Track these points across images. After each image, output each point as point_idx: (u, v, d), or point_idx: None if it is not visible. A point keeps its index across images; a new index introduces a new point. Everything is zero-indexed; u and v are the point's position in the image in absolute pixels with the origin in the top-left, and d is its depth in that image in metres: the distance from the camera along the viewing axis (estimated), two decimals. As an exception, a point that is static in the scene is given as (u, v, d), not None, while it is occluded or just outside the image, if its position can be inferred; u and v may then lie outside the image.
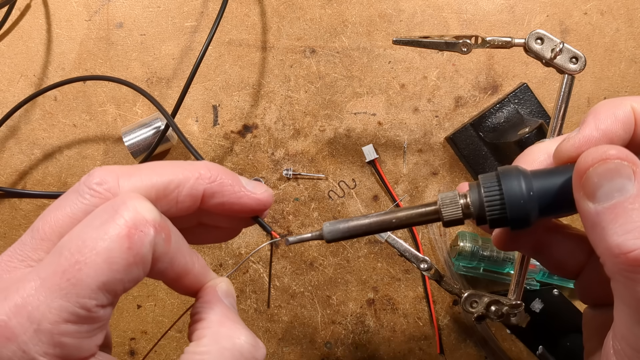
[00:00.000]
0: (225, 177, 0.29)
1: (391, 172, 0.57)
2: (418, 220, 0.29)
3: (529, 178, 0.26)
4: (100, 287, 0.23)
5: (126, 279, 0.24)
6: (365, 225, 0.30)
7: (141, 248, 0.23)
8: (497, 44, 0.45)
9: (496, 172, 0.27)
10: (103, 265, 0.23)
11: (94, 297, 0.23)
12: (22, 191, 0.57)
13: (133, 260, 0.23)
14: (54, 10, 0.58)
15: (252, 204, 0.30)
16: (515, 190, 0.26)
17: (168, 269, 0.26)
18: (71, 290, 0.22)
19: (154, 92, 0.58)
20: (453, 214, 0.28)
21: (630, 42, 0.57)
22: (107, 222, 0.23)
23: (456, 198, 0.28)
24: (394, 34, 0.57)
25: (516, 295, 0.46)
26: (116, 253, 0.23)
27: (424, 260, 0.45)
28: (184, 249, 0.27)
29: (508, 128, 0.54)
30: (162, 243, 0.25)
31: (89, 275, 0.23)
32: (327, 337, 0.57)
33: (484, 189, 0.27)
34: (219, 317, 0.28)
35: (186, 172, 0.28)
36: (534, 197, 0.26)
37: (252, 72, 0.58)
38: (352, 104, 0.57)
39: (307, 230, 0.57)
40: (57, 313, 0.22)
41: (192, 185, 0.28)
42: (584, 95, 0.57)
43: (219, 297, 0.28)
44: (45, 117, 0.58)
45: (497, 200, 0.26)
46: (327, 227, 0.30)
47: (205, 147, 0.58)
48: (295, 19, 0.58)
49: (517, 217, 0.26)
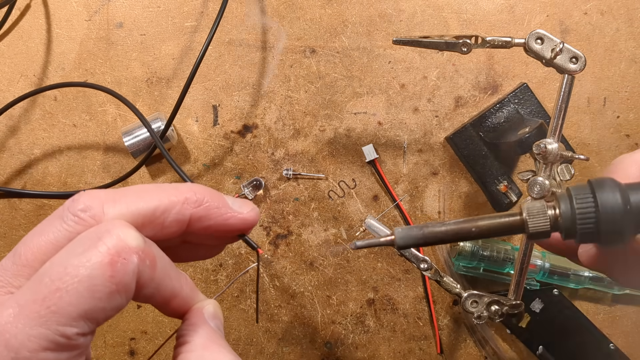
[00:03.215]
0: (211, 199, 0.28)
1: (391, 172, 0.57)
2: (500, 230, 0.27)
3: (625, 191, 0.25)
4: (82, 315, 0.22)
5: (108, 307, 0.23)
6: (442, 232, 0.28)
7: (124, 276, 0.23)
8: (497, 44, 0.45)
9: (589, 184, 0.25)
10: (85, 293, 0.22)
11: (74, 325, 0.22)
12: (22, 191, 0.57)
13: (116, 288, 0.23)
14: (54, 10, 0.58)
15: (239, 224, 0.29)
16: (612, 204, 0.24)
17: (155, 294, 0.26)
18: (51, 318, 0.22)
19: (154, 92, 0.58)
20: (541, 226, 0.26)
21: (630, 42, 0.57)
22: (89, 249, 0.23)
23: (544, 209, 0.26)
24: (394, 34, 0.57)
25: (516, 295, 0.46)
26: (98, 281, 0.23)
27: (424, 260, 0.45)
28: (171, 273, 0.27)
29: (508, 128, 0.54)
30: (146, 270, 0.24)
31: (70, 303, 0.22)
32: (327, 337, 0.57)
33: (576, 200, 0.25)
34: (204, 341, 0.27)
35: (172, 197, 0.27)
36: (632, 211, 0.24)
37: (253, 72, 0.58)
38: (352, 104, 0.57)
39: (308, 229, 0.57)
40: (36, 341, 0.22)
41: (179, 211, 0.27)
42: (584, 95, 0.57)
43: (204, 320, 0.28)
44: (45, 117, 0.58)
45: (591, 213, 0.25)
46: (400, 233, 0.29)
47: (205, 147, 0.58)
48: (295, 19, 0.58)
49: (611, 232, 0.25)
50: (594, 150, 0.57)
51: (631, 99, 0.57)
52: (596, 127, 0.57)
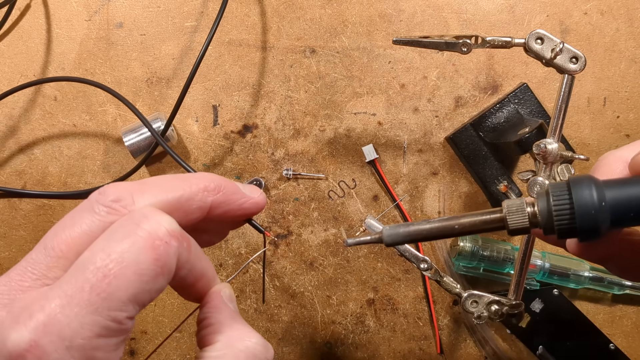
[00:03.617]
0: (227, 186, 0.30)
1: (391, 172, 0.57)
2: (482, 227, 0.29)
3: (601, 187, 0.25)
4: (131, 299, 0.23)
5: (153, 289, 0.24)
6: (426, 230, 0.29)
7: (167, 258, 0.24)
8: (497, 44, 0.45)
9: (567, 181, 0.26)
10: (132, 277, 0.23)
11: (124, 310, 0.23)
12: (22, 191, 0.57)
13: (160, 270, 0.24)
14: (54, 10, 0.58)
15: (252, 207, 0.31)
16: (586, 200, 0.25)
17: (188, 275, 0.27)
18: (102, 305, 0.22)
19: (154, 92, 0.58)
20: (519, 223, 0.27)
21: (630, 42, 0.57)
22: (130, 235, 0.24)
23: (523, 206, 0.27)
24: (394, 34, 0.57)
25: (516, 295, 0.46)
26: (144, 265, 0.23)
27: (424, 260, 0.45)
28: (200, 254, 0.28)
29: (508, 128, 0.54)
30: (184, 252, 0.25)
31: (120, 288, 0.23)
32: (327, 337, 0.57)
33: (553, 197, 0.26)
34: (229, 321, 0.28)
35: (193, 186, 0.28)
36: (606, 207, 0.25)
37: (253, 72, 0.58)
38: (352, 104, 0.57)
39: (308, 229, 0.57)
40: (89, 328, 0.22)
41: (201, 198, 0.28)
42: (584, 95, 0.57)
43: (224, 302, 0.29)
44: (45, 117, 0.58)
45: (566, 209, 0.25)
46: (387, 231, 0.30)
47: (205, 147, 0.58)
48: (295, 19, 0.58)
49: (586, 228, 0.25)
50: (594, 150, 0.57)
51: (631, 99, 0.57)
52: (596, 127, 0.57)
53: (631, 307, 0.57)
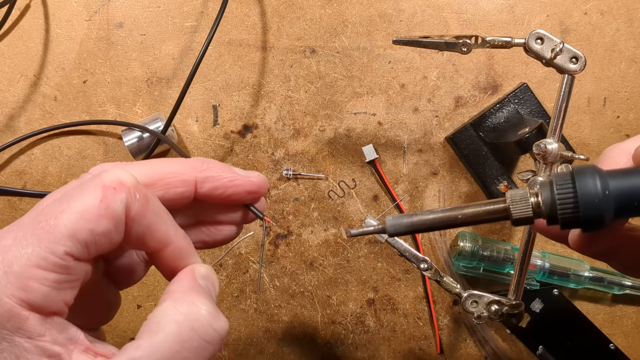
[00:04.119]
0: (216, 164, 0.30)
1: (391, 172, 0.57)
2: (485, 217, 0.28)
3: (604, 177, 0.25)
4: (71, 235, 0.24)
5: (97, 230, 0.25)
6: (430, 220, 0.29)
7: (112, 203, 0.25)
8: (497, 44, 0.45)
9: (570, 171, 0.26)
10: (75, 214, 0.24)
11: (64, 244, 0.24)
12: (22, 191, 0.57)
13: (104, 212, 0.25)
14: (54, 10, 0.58)
15: (246, 186, 0.31)
16: (590, 189, 0.25)
17: (147, 235, 0.27)
18: (43, 237, 0.24)
19: (154, 92, 0.58)
20: (523, 213, 0.27)
21: (630, 42, 0.57)
22: (86, 183, 0.26)
23: (527, 196, 0.27)
24: (394, 34, 0.57)
25: (516, 295, 0.46)
26: (89, 204, 0.25)
27: (424, 260, 0.45)
28: (164, 216, 0.28)
29: (508, 128, 0.54)
30: (136, 203, 0.26)
31: (61, 223, 0.24)
32: (327, 337, 0.57)
33: (556, 187, 0.26)
34: (185, 289, 0.28)
35: (177, 163, 0.30)
36: (610, 196, 0.25)
37: (253, 72, 0.58)
38: (352, 104, 0.57)
39: (308, 229, 0.57)
40: (28, 257, 0.24)
41: (184, 172, 0.30)
42: (584, 95, 0.57)
43: (194, 277, 0.29)
44: (45, 117, 0.58)
45: (570, 199, 0.25)
46: (390, 222, 0.30)
47: (205, 147, 0.58)
48: (295, 19, 0.58)
49: (590, 218, 0.25)
50: (594, 150, 0.57)
51: (631, 99, 0.57)
52: (596, 127, 0.57)
53: (631, 307, 0.57)
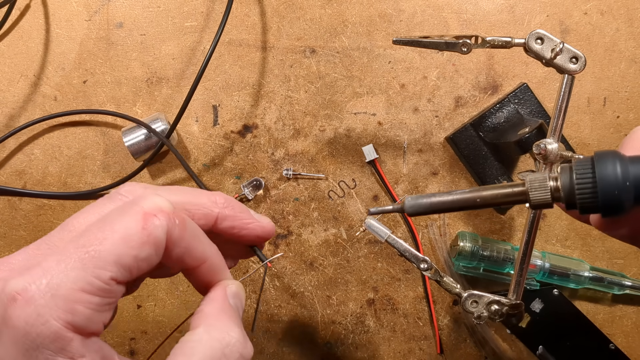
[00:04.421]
0: (236, 205, 0.33)
1: (391, 172, 0.57)
2: (503, 200, 0.28)
3: (625, 163, 0.25)
4: (116, 261, 0.25)
5: (140, 256, 0.26)
6: (449, 202, 0.29)
7: (154, 229, 0.26)
8: (497, 44, 0.45)
9: (591, 156, 0.25)
10: (119, 241, 0.26)
11: (109, 269, 0.25)
12: (22, 190, 0.57)
13: (147, 239, 0.26)
14: (54, 10, 0.58)
15: (259, 230, 0.34)
16: (609, 176, 0.24)
17: (186, 255, 0.29)
18: (89, 262, 0.25)
19: (154, 92, 0.58)
20: (542, 197, 0.27)
21: (630, 42, 0.57)
22: (126, 209, 0.27)
23: (546, 181, 0.27)
24: (394, 34, 0.57)
25: (516, 295, 0.46)
26: (132, 231, 0.26)
27: (424, 260, 0.45)
28: (201, 237, 0.30)
29: (508, 128, 0.54)
30: (176, 229, 0.28)
31: (106, 249, 0.25)
32: (327, 337, 0.57)
33: (576, 173, 0.26)
34: (217, 312, 0.30)
35: (203, 196, 0.32)
36: (630, 185, 0.24)
37: (253, 72, 0.58)
38: (352, 104, 0.57)
39: (308, 229, 0.57)
40: (74, 281, 0.25)
41: (208, 207, 0.32)
42: (584, 95, 0.57)
43: (224, 296, 0.31)
44: (45, 117, 0.58)
45: (588, 185, 0.25)
46: (409, 202, 0.30)
47: (205, 147, 0.58)
48: (295, 19, 0.58)
49: (609, 205, 0.25)
50: (594, 150, 0.57)
51: (631, 99, 0.57)
52: (596, 127, 0.57)
53: (631, 307, 0.57)
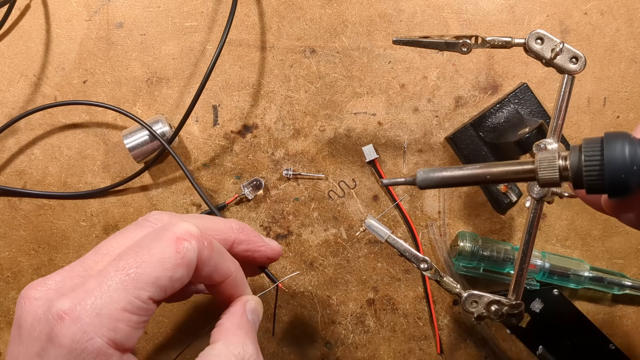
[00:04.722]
0: (249, 230, 0.38)
1: (391, 172, 0.57)
2: (513, 177, 0.29)
3: (634, 146, 0.24)
4: (154, 282, 0.28)
5: (174, 277, 0.29)
6: (459, 177, 0.30)
7: (187, 252, 0.30)
8: (497, 44, 0.45)
9: (601, 137, 0.25)
10: (157, 264, 0.29)
11: (148, 290, 0.28)
12: (22, 190, 0.57)
13: (181, 261, 0.29)
14: (54, 10, 0.58)
15: (269, 253, 0.39)
16: (617, 157, 0.24)
17: (214, 273, 0.32)
18: (130, 284, 0.28)
19: (154, 92, 0.58)
20: (550, 176, 0.27)
21: (630, 42, 0.57)
22: (159, 235, 0.30)
23: (555, 160, 0.27)
24: (394, 34, 0.57)
25: (516, 295, 0.46)
26: (167, 255, 0.29)
27: (424, 260, 0.45)
28: (225, 255, 0.33)
29: (508, 128, 0.54)
30: (205, 250, 0.31)
31: (145, 271, 0.28)
32: (327, 337, 0.57)
33: (584, 153, 0.25)
34: (235, 327, 0.33)
35: (220, 222, 0.36)
36: (638, 168, 0.24)
37: (253, 72, 0.58)
38: (352, 104, 0.57)
39: (308, 229, 0.57)
40: (117, 301, 0.27)
41: (225, 232, 0.36)
42: (584, 95, 0.57)
43: (244, 311, 0.35)
44: (45, 117, 0.58)
45: (596, 166, 0.25)
46: (421, 175, 0.31)
47: (205, 147, 0.58)
48: (295, 19, 0.58)
49: (616, 186, 0.25)
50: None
51: (631, 99, 0.57)
52: (596, 127, 0.57)
53: (631, 307, 0.57)
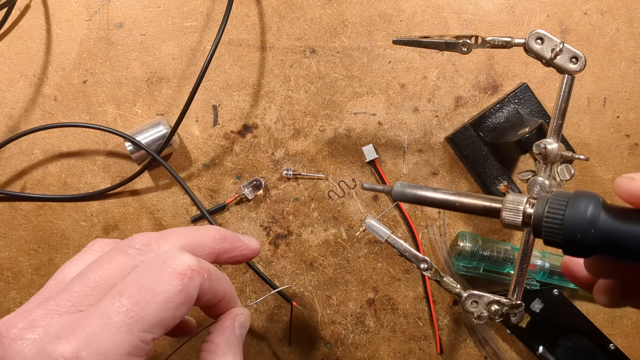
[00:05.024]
0: (230, 236, 0.36)
1: (391, 172, 0.57)
2: (480, 211, 0.30)
3: (597, 209, 0.24)
4: (158, 323, 0.27)
5: (177, 315, 0.28)
6: (431, 198, 0.32)
7: (190, 289, 0.29)
8: (497, 44, 0.45)
9: (573, 193, 0.26)
10: (161, 304, 0.27)
11: (152, 332, 0.27)
12: (22, 194, 0.57)
13: (184, 299, 0.28)
14: (54, 10, 0.58)
15: (249, 254, 0.38)
16: (577, 217, 0.25)
17: (212, 298, 0.32)
18: (134, 326, 0.26)
19: (154, 92, 0.58)
20: (513, 220, 0.28)
21: (630, 42, 0.57)
22: (159, 270, 0.28)
23: (521, 205, 0.28)
24: (394, 34, 0.57)
25: (516, 295, 0.46)
26: (171, 294, 0.28)
27: (424, 260, 0.45)
28: (221, 277, 0.33)
29: (508, 128, 0.54)
30: (206, 282, 0.30)
31: (150, 313, 0.27)
32: (327, 337, 0.57)
33: (549, 206, 0.26)
34: (225, 345, 0.33)
35: (203, 236, 0.35)
36: (595, 234, 0.24)
37: (253, 72, 0.58)
38: (352, 104, 0.57)
39: (308, 229, 0.57)
40: (122, 346, 0.26)
41: (210, 245, 0.35)
42: (584, 95, 0.57)
43: (233, 327, 0.35)
44: (45, 117, 0.58)
45: (557, 221, 0.25)
46: (397, 188, 0.33)
47: (205, 147, 0.58)
48: (295, 19, 0.58)
49: (570, 245, 0.25)
50: (594, 150, 0.57)
51: (631, 99, 0.57)
52: (596, 127, 0.57)
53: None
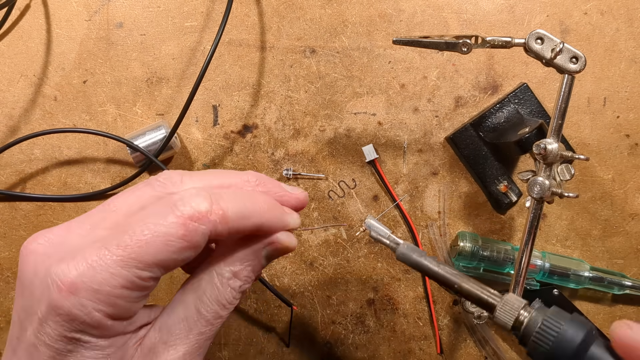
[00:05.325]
0: (268, 181, 0.34)
1: (391, 172, 0.57)
2: (475, 300, 0.32)
3: (590, 340, 0.25)
4: (156, 263, 0.28)
5: (179, 258, 0.28)
6: (432, 271, 0.33)
7: (194, 236, 0.28)
8: (497, 44, 0.45)
9: (571, 315, 0.27)
10: (161, 246, 0.27)
11: (148, 270, 0.28)
12: (22, 194, 0.57)
13: (187, 245, 0.28)
14: (54, 10, 0.58)
15: (293, 202, 0.35)
16: (566, 343, 0.25)
17: (240, 232, 0.31)
18: (131, 263, 0.27)
19: (154, 92, 0.58)
20: (505, 321, 0.29)
21: (630, 42, 0.57)
22: (167, 212, 0.28)
23: (517, 310, 0.29)
24: (394, 34, 0.57)
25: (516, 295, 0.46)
26: (173, 238, 0.28)
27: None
28: (246, 213, 0.31)
29: (508, 128, 0.54)
30: (217, 226, 0.29)
31: (149, 252, 0.27)
32: (327, 337, 0.57)
33: (543, 323, 0.27)
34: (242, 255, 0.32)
35: (236, 177, 0.33)
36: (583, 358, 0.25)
37: (253, 72, 0.58)
38: (352, 104, 0.57)
39: (308, 229, 0.57)
40: (117, 279, 0.27)
41: (241, 186, 0.33)
42: (584, 95, 0.57)
43: (262, 255, 0.33)
44: (45, 117, 0.58)
45: (546, 341, 0.26)
46: (403, 249, 0.34)
47: (205, 147, 0.58)
48: (295, 19, 0.58)
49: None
50: (594, 150, 0.57)
51: (631, 99, 0.57)
52: (596, 127, 0.57)
53: (631, 307, 0.57)
